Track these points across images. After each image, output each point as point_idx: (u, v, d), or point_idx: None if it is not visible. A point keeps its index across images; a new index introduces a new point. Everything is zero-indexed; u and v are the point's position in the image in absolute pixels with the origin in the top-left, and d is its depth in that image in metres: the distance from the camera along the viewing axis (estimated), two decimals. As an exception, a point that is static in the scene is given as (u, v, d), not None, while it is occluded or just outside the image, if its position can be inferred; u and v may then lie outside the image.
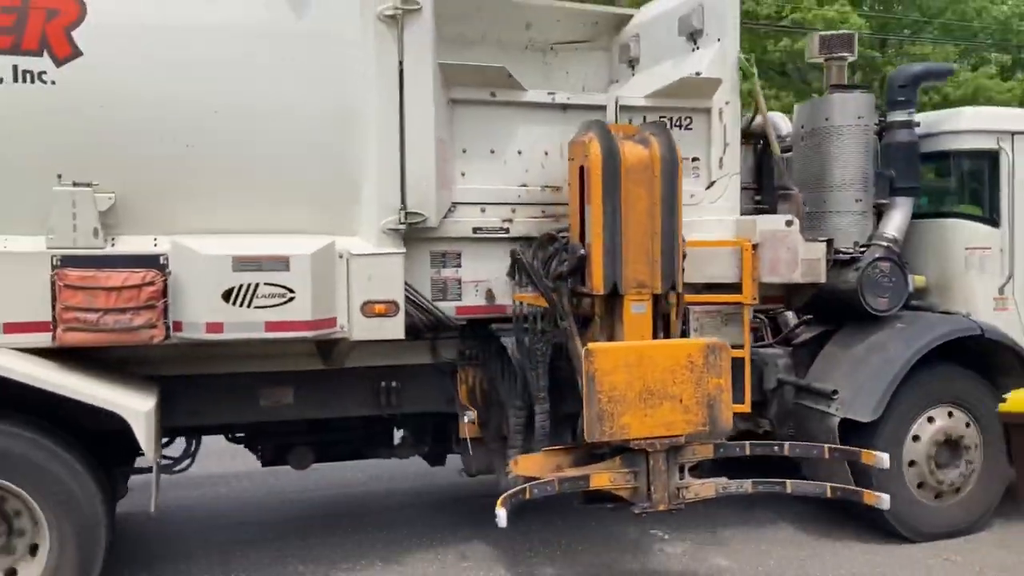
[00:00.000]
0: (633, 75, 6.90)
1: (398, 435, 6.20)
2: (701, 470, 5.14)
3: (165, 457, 5.54)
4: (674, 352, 4.81)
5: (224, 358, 5.14)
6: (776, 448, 5.27)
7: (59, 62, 4.36)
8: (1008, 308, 6.01)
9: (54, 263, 4.38)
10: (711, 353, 4.82)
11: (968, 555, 5.59)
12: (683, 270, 5.12)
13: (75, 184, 4.42)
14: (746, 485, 5.03)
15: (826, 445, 5.30)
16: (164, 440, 5.62)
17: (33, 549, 4.50)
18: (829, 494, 5.16)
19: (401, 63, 4.85)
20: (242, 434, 5.91)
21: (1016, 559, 5.42)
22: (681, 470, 4.95)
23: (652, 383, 4.72)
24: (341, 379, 5.45)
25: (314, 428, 5.83)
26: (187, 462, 5.72)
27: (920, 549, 5.69)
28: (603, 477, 4.81)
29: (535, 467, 4.91)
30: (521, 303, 5.29)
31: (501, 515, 4.56)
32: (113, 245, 4.51)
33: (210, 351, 5.01)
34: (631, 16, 7.13)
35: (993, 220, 6.08)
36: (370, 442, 6.09)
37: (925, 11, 19.38)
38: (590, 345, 4.74)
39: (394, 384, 5.53)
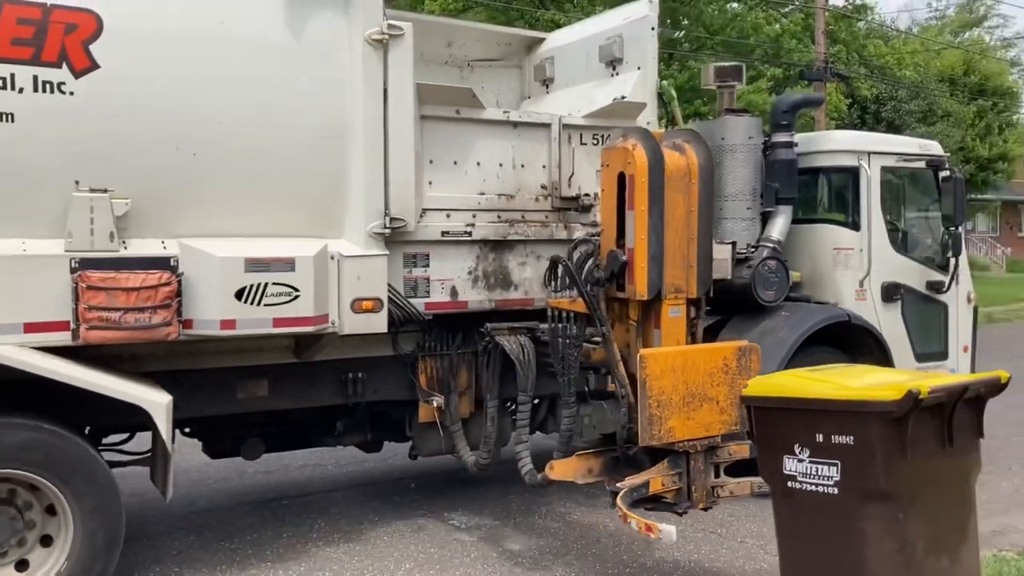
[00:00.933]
0: (547, 93, 7.68)
1: (339, 425, 6.63)
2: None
3: (124, 452, 5.77)
4: (712, 355, 5.04)
5: (204, 354, 5.44)
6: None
7: (77, 74, 4.59)
8: (866, 298, 7.21)
9: (72, 265, 4.59)
10: (743, 355, 5.10)
11: (730, 527, 6.24)
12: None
13: (92, 190, 4.65)
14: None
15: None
16: (126, 435, 5.85)
17: (45, 540, 4.69)
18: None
19: (386, 82, 5.37)
20: (188, 429, 6.16)
21: (768, 529, 5.80)
22: (716, 469, 5.20)
23: (694, 386, 4.93)
24: (311, 372, 5.85)
25: (267, 420, 6.19)
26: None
27: (687, 524, 5.92)
28: (657, 481, 4.95)
29: (570, 471, 5.20)
30: (556, 309, 5.38)
31: (670, 530, 4.50)
32: (126, 248, 4.76)
33: (191, 348, 5.32)
34: (543, 39, 7.91)
35: (855, 225, 7.27)
36: (315, 431, 6.50)
37: (707, 28, 21.33)
38: (643, 351, 4.91)
39: (360, 375, 6.00)
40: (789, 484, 4.02)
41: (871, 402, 3.77)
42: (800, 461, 3.96)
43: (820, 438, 3.87)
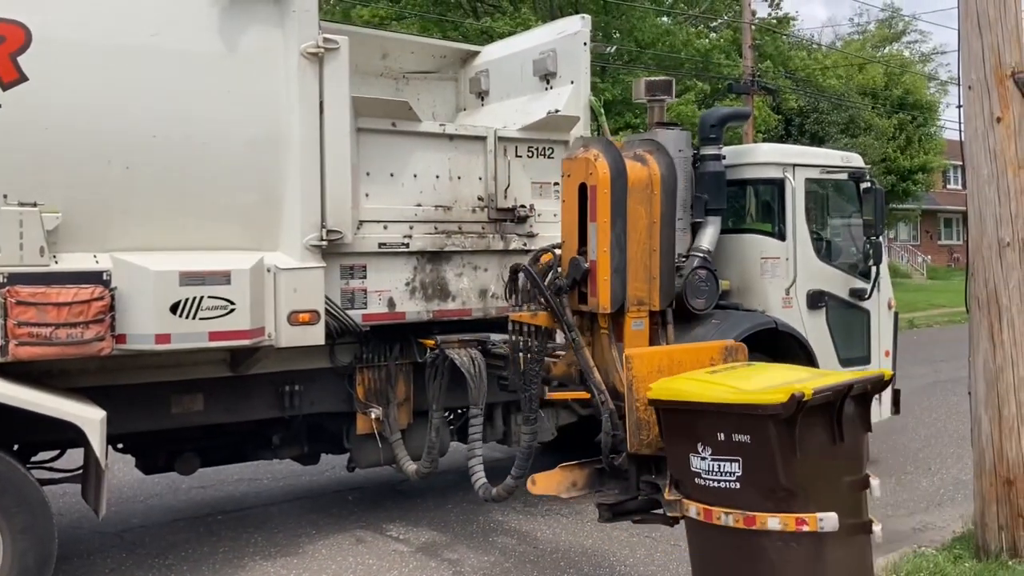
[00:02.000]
0: (483, 105, 7.78)
1: (276, 438, 6.60)
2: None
3: (53, 469, 5.66)
4: (699, 354, 4.81)
5: (137, 368, 5.39)
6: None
7: (5, 86, 4.53)
8: (791, 305, 7.44)
9: (1, 280, 4.52)
10: (729, 354, 4.89)
11: (663, 531, 5.80)
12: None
13: (21, 204, 4.58)
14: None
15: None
16: (56, 452, 5.74)
17: (-26, 562, 4.59)
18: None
19: (321, 95, 5.39)
20: (122, 444, 6.08)
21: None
22: None
23: None
24: (247, 385, 5.83)
25: (202, 434, 6.13)
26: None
27: (621, 529, 6.16)
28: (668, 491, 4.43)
29: (553, 485, 4.96)
30: (517, 322, 5.20)
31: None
32: (56, 262, 4.70)
33: (124, 363, 5.26)
34: (477, 52, 8.00)
35: (781, 234, 7.50)
36: (251, 445, 6.46)
37: (639, 42, 21.77)
38: (629, 351, 4.70)
39: (296, 387, 5.99)
40: (696, 481, 4.14)
41: (762, 405, 3.92)
42: (703, 459, 4.09)
43: (721, 437, 4.02)
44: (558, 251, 5.34)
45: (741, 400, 4.03)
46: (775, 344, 7.40)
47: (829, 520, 3.85)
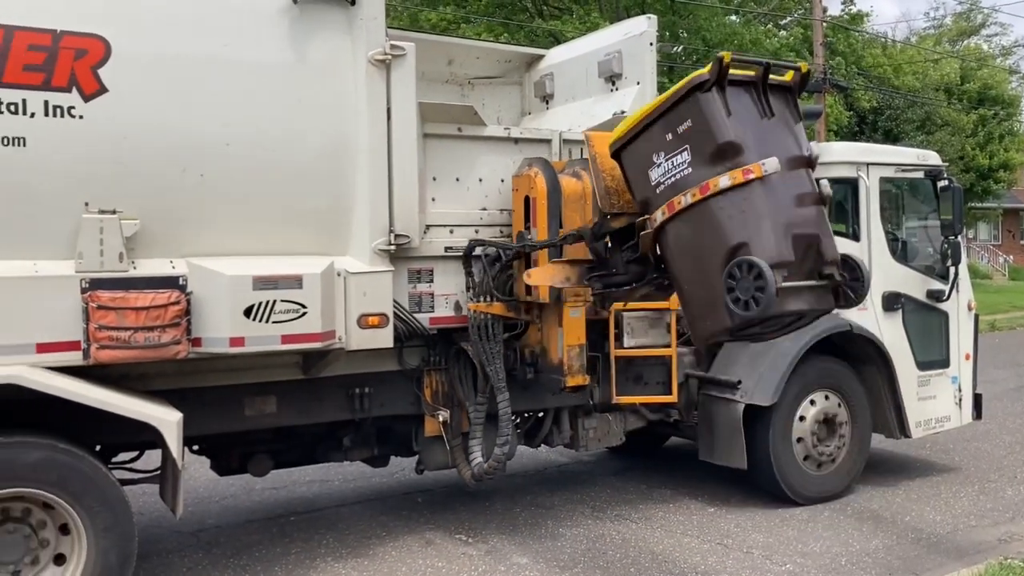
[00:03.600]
0: (547, 109, 7.77)
1: (346, 440, 6.68)
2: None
3: (133, 470, 5.82)
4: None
5: (212, 371, 5.48)
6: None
7: (87, 98, 4.67)
8: (866, 308, 7.25)
9: (83, 286, 4.66)
10: None
11: (736, 538, 6.29)
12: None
13: (101, 211, 4.72)
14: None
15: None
16: (136, 453, 5.90)
17: (59, 559, 4.73)
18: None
19: (389, 101, 5.45)
20: (197, 446, 6.22)
21: (775, 540, 6.24)
22: None
23: None
24: (318, 387, 5.91)
25: (274, 436, 6.24)
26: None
27: (692, 536, 6.35)
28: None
29: (548, 276, 5.68)
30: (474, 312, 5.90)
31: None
32: (135, 268, 4.83)
33: (199, 366, 5.37)
34: (542, 56, 8.00)
35: (855, 235, 7.33)
36: (322, 447, 6.55)
37: (707, 41, 21.52)
38: (586, 131, 5.79)
39: (366, 390, 6.05)
40: (658, 191, 4.72)
41: (692, 79, 4.57)
42: (659, 165, 4.69)
43: (669, 136, 4.60)
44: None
45: (674, 90, 4.66)
46: (849, 348, 7.25)
47: (771, 163, 4.38)
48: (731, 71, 4.57)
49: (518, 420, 6.78)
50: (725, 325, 4.63)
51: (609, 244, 5.54)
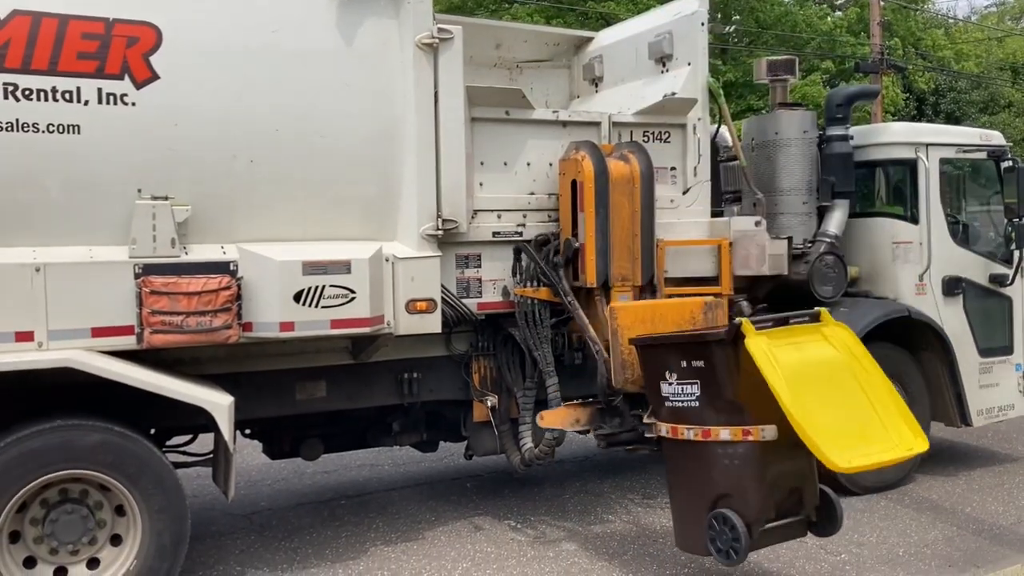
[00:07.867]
0: (597, 92, 7.66)
1: (396, 425, 6.69)
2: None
3: (186, 453, 5.90)
4: (681, 309, 5.71)
5: (263, 356, 5.54)
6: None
7: (139, 85, 4.73)
8: (925, 292, 7.06)
9: (136, 271, 4.72)
10: (709, 310, 5.73)
11: (872, 549, 5.83)
12: (663, 266, 6.09)
13: (154, 197, 4.78)
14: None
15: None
16: (189, 436, 5.99)
17: (115, 539, 4.82)
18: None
19: (436, 85, 5.42)
20: (249, 430, 6.28)
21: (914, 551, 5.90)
22: None
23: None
24: (368, 372, 5.93)
25: (325, 421, 6.28)
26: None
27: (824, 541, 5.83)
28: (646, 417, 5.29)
29: (559, 420, 5.71)
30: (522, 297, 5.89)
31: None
32: (186, 253, 4.88)
33: (251, 350, 5.43)
34: (591, 39, 7.90)
35: (914, 218, 7.13)
36: (372, 431, 6.58)
37: (760, 23, 21.12)
38: (612, 304, 5.58)
39: (415, 375, 6.06)
40: (666, 404, 4.95)
41: (709, 333, 4.91)
42: (671, 384, 4.91)
43: (684, 364, 4.82)
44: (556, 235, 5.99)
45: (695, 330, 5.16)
46: (908, 334, 7.06)
47: (769, 431, 4.57)
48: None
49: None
50: (703, 553, 4.96)
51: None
